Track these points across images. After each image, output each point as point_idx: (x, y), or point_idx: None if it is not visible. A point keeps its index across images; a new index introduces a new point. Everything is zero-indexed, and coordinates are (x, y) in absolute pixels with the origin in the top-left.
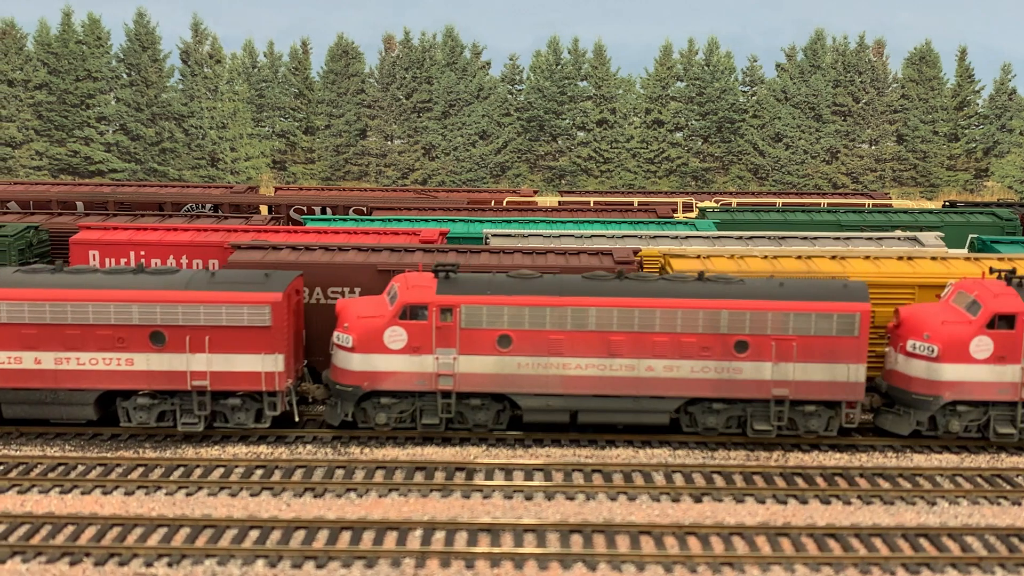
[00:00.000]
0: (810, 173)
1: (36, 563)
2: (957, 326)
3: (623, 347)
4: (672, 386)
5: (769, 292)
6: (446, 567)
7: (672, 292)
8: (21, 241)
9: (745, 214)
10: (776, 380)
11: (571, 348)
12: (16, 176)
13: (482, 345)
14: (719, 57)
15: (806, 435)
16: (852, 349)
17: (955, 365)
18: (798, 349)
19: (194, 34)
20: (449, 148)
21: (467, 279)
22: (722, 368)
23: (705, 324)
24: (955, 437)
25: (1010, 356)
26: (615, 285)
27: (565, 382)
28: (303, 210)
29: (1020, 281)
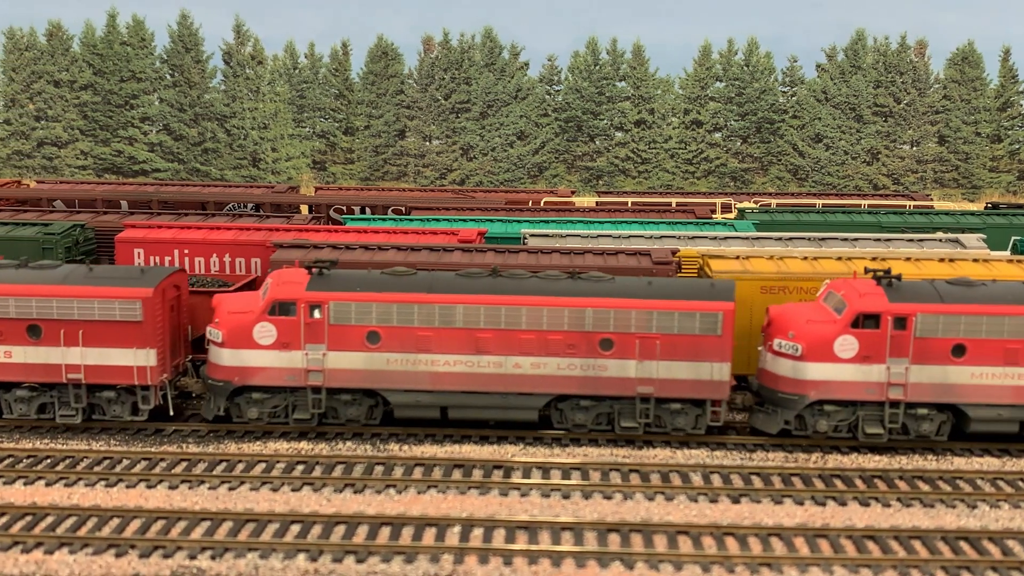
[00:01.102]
0: (850, 174)
1: (83, 554)
2: (822, 325)
3: (491, 344)
4: (539, 383)
5: (635, 291)
6: (484, 563)
7: (539, 290)
8: (67, 239)
9: (784, 215)
10: (640, 378)
11: (439, 345)
12: (61, 175)
13: (351, 341)
14: (759, 57)
15: (820, 436)
16: (716, 348)
17: (819, 364)
18: (661, 347)
19: (236, 36)
20: (487, 148)
21: (338, 275)
22: (588, 365)
23: (571, 322)
24: (825, 437)
25: (875, 356)
26: (482, 283)
27: (434, 378)
28: (343, 210)
29: (890, 281)
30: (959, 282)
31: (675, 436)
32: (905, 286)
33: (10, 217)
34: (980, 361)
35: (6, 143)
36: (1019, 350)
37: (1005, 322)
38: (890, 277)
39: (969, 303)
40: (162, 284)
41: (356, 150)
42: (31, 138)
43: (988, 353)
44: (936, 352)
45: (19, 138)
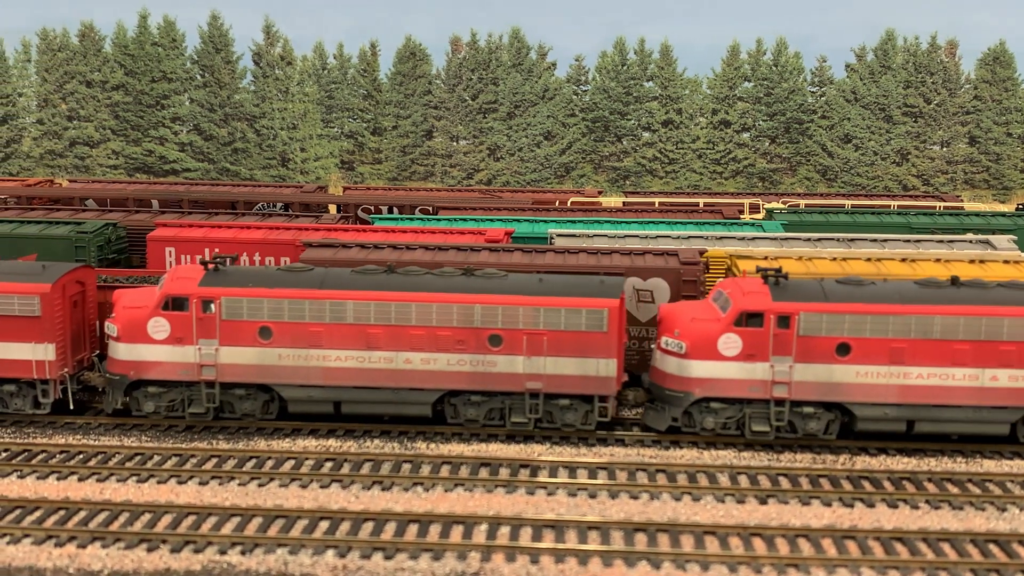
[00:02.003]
0: (880, 175)
1: (115, 549)
2: (706, 323)
3: (381, 340)
4: (430, 378)
5: (524, 288)
6: (511, 561)
7: (429, 286)
8: (100, 238)
9: (813, 216)
10: (529, 373)
11: (330, 340)
12: (93, 174)
13: (243, 337)
14: (787, 57)
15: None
16: (602, 344)
17: (704, 362)
18: (549, 343)
19: (266, 36)
20: (514, 149)
21: (232, 272)
22: (477, 361)
23: (460, 318)
24: (714, 434)
25: (759, 354)
26: (373, 279)
27: (326, 374)
28: (370, 209)
29: (777, 280)
30: (848, 281)
31: (567, 431)
32: (791, 285)
33: (43, 216)
34: (865, 360)
35: (39, 143)
36: (904, 349)
37: (890, 321)
38: (777, 276)
39: (854, 302)
40: (62, 280)
41: (384, 150)
42: (63, 138)
43: (873, 352)
44: (820, 351)
45: (52, 138)
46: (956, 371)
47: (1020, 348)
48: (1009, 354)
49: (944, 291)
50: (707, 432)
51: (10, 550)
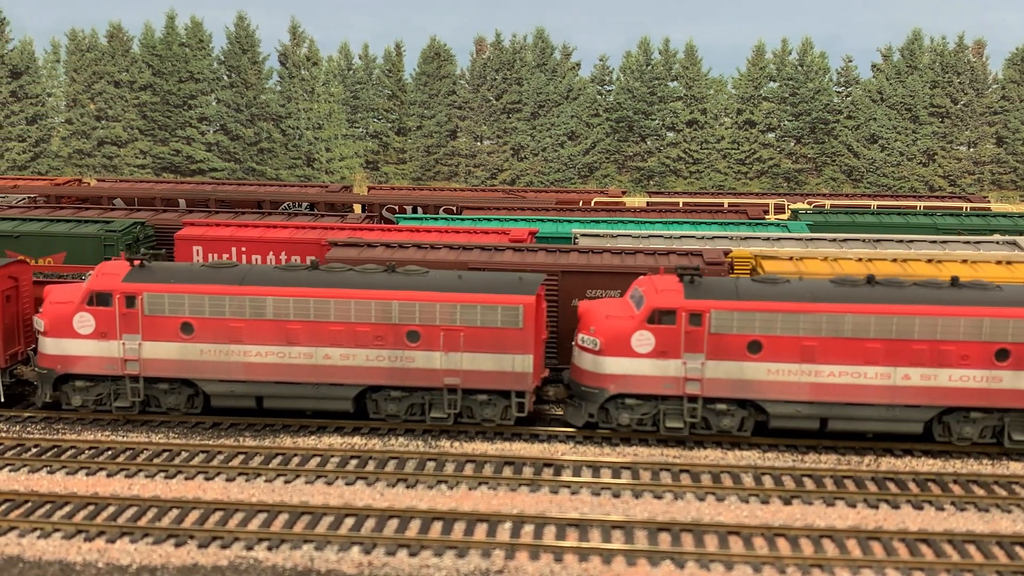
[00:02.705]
0: (906, 175)
1: (143, 543)
2: (621, 320)
3: (301, 336)
4: (349, 374)
5: (441, 284)
6: (535, 559)
7: (347, 283)
8: (128, 236)
9: (839, 216)
10: (447, 369)
11: (251, 336)
12: (121, 174)
13: (165, 332)
14: (813, 57)
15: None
16: (518, 340)
17: (618, 359)
18: (465, 339)
19: (292, 37)
20: (538, 149)
21: (156, 268)
22: (396, 357)
23: (378, 314)
24: (630, 430)
25: (671, 351)
26: (292, 276)
27: (247, 369)
28: (395, 209)
29: (691, 278)
30: (763, 280)
31: (487, 427)
32: (705, 283)
33: (72, 214)
34: (776, 358)
35: (68, 142)
36: (816, 347)
37: (800, 319)
38: (691, 274)
39: (765, 300)
40: None
41: (408, 150)
42: (92, 137)
43: (784, 350)
44: (732, 348)
45: (80, 137)
46: (868, 369)
47: (932, 347)
48: (921, 353)
49: (857, 290)
50: (622, 428)
51: (40, 544)
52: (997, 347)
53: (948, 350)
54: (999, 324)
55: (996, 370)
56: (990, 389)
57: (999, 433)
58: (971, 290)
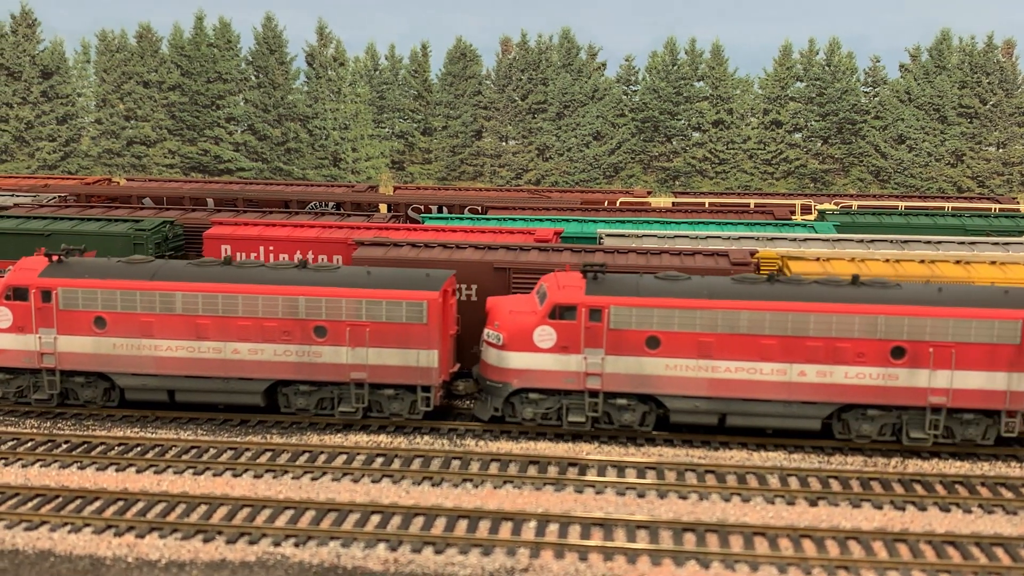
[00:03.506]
0: (934, 176)
1: (172, 539)
2: (524, 316)
3: (210, 330)
4: (257, 368)
5: (348, 280)
6: (560, 558)
7: (256, 279)
8: (158, 235)
9: (866, 217)
10: (353, 364)
11: (162, 330)
12: (150, 173)
13: (80, 326)
14: (840, 57)
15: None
16: (422, 335)
17: (520, 353)
18: (371, 334)
19: (319, 38)
20: (563, 149)
21: (73, 263)
22: (303, 352)
23: (285, 310)
24: (536, 424)
25: (572, 346)
26: (204, 271)
27: (158, 363)
28: (420, 209)
29: (595, 275)
30: (665, 277)
31: (395, 421)
32: (608, 279)
33: (103, 213)
34: (674, 353)
35: (97, 142)
36: (712, 343)
37: (697, 316)
38: (595, 270)
39: (663, 297)
40: None
41: (434, 150)
42: (121, 137)
43: (682, 346)
44: (631, 344)
45: (109, 137)
46: (764, 366)
47: (827, 344)
48: (816, 350)
49: (755, 287)
50: (528, 423)
51: (71, 539)
52: (892, 345)
53: (843, 347)
54: (894, 322)
55: (892, 368)
56: (886, 387)
57: (898, 431)
58: (870, 288)
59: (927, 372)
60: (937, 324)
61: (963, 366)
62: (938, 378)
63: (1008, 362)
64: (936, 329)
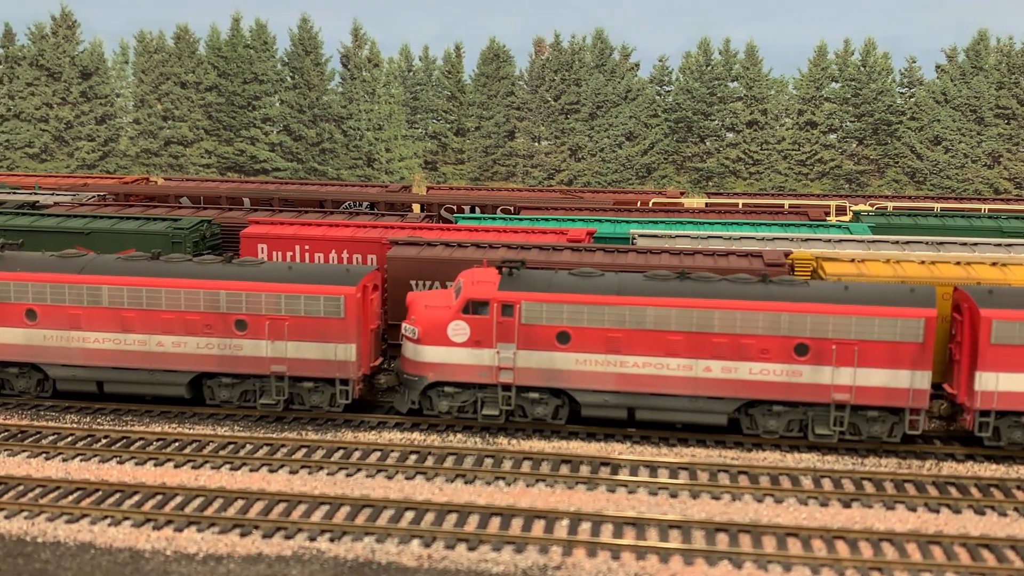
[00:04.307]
0: (970, 178)
1: (210, 533)
2: (438, 311)
3: (135, 324)
4: (181, 361)
5: (269, 275)
6: (592, 556)
7: (179, 273)
8: (195, 234)
9: (901, 219)
10: (273, 357)
11: (89, 323)
12: (187, 173)
13: (11, 319)
14: (876, 58)
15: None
16: (340, 330)
17: (435, 347)
18: (290, 328)
19: (354, 39)
20: (595, 149)
21: (8, 257)
22: (225, 345)
23: (206, 303)
24: (452, 417)
25: (485, 340)
26: (132, 265)
27: (86, 355)
28: (453, 209)
29: (510, 271)
30: (578, 273)
31: (317, 413)
32: (522, 275)
33: (141, 212)
34: (584, 348)
35: (135, 142)
36: (620, 339)
37: (605, 311)
38: (511, 267)
39: (573, 293)
40: None
41: (466, 151)
42: (159, 137)
43: (591, 341)
44: (542, 338)
45: (147, 137)
46: (671, 361)
47: (732, 340)
48: (721, 346)
49: (663, 284)
50: (444, 416)
51: (111, 531)
52: (796, 342)
53: (748, 344)
54: (797, 319)
55: (796, 364)
56: (790, 383)
57: (805, 427)
58: (776, 286)
59: (830, 369)
60: (840, 322)
61: (866, 364)
62: (841, 375)
63: (911, 360)
64: (839, 327)
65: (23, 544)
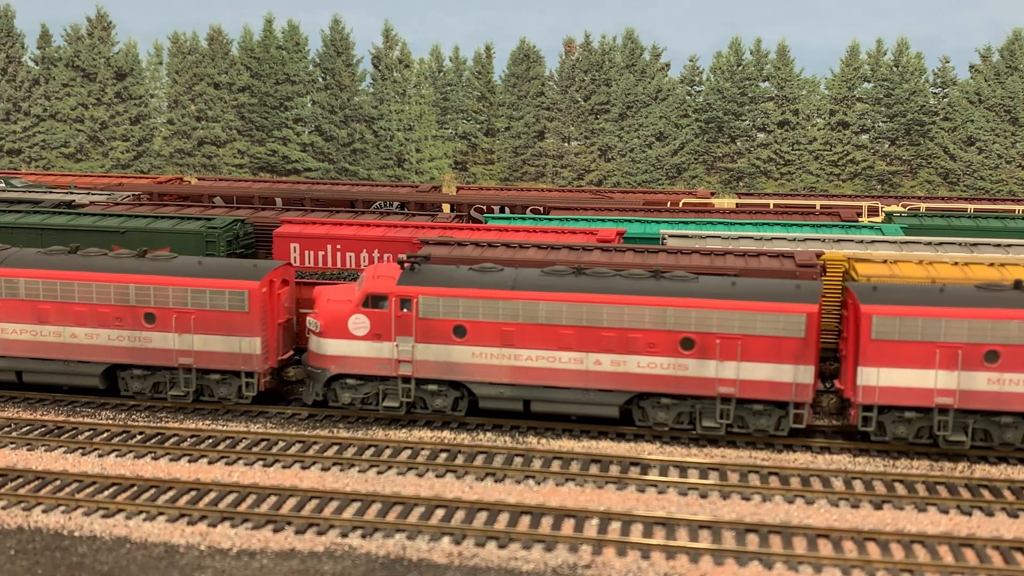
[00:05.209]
0: (1004, 179)
1: (243, 528)
2: (340, 304)
3: (50, 316)
4: (94, 352)
5: (178, 269)
6: (622, 556)
7: (93, 267)
8: (229, 233)
9: (934, 219)
10: (180, 350)
11: (8, 315)
12: (220, 173)
13: None
14: (908, 58)
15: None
16: (244, 323)
17: (337, 340)
18: (196, 321)
19: (385, 40)
20: (625, 150)
21: None
22: (135, 337)
23: (116, 297)
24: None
25: (385, 334)
26: (49, 259)
27: (5, 345)
28: (483, 209)
29: (412, 265)
30: (478, 268)
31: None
32: (424, 270)
33: (176, 211)
34: (479, 342)
35: (169, 142)
36: (514, 332)
37: (500, 306)
38: (413, 262)
39: (469, 287)
40: None
41: (496, 151)
42: (192, 137)
43: (486, 334)
44: (439, 332)
45: (181, 137)
46: (563, 354)
47: (620, 334)
48: (610, 340)
49: (555, 279)
50: (348, 408)
51: (146, 526)
52: (682, 336)
53: (635, 337)
54: (683, 314)
55: (682, 358)
56: (677, 376)
57: (694, 420)
58: (666, 282)
59: (715, 363)
60: (724, 317)
61: (749, 358)
62: (725, 369)
63: (794, 355)
64: (723, 321)
65: (60, 538)
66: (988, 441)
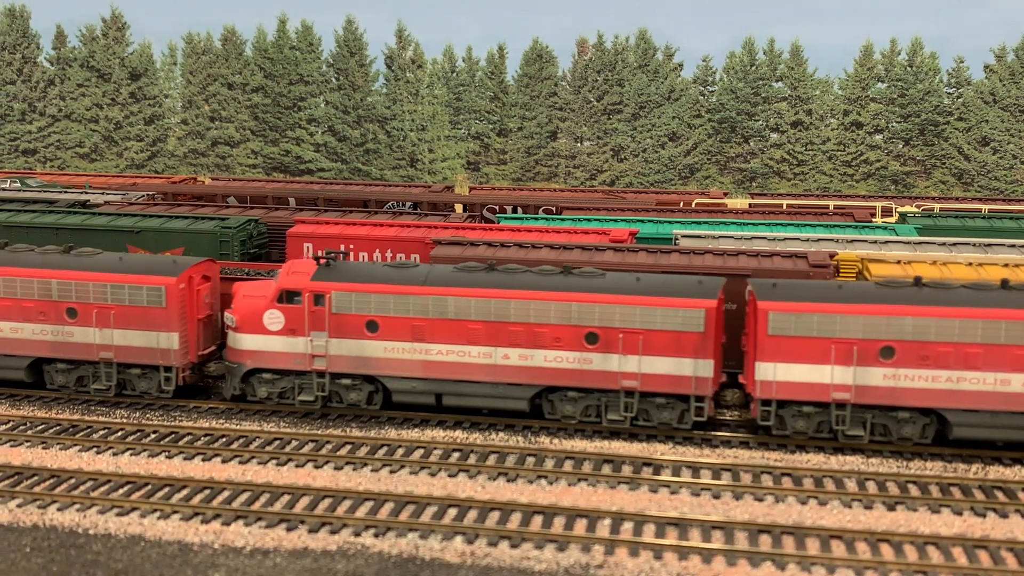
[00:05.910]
0: (1019, 179)
1: (257, 527)
2: (254, 300)
3: None
4: (19, 346)
5: (98, 265)
6: (634, 556)
7: (14, 263)
8: (243, 233)
9: (948, 220)
10: (101, 344)
11: None
12: (233, 173)
13: None
14: (923, 58)
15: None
16: (162, 319)
17: (252, 335)
18: (116, 317)
19: (398, 40)
20: (638, 150)
21: None
22: (58, 332)
23: (39, 292)
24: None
25: (299, 329)
26: None
27: None
28: (495, 209)
29: (328, 262)
30: (394, 265)
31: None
32: (338, 266)
33: (190, 211)
34: (391, 336)
35: (183, 142)
36: (424, 327)
37: (410, 301)
38: (328, 258)
39: (381, 283)
40: None
41: (509, 151)
42: (206, 137)
43: (397, 329)
44: (352, 327)
45: (195, 137)
46: (472, 349)
47: (527, 329)
48: (518, 334)
49: (467, 275)
50: (268, 402)
51: (160, 524)
52: (586, 331)
53: (542, 332)
54: (587, 309)
55: (586, 352)
56: (582, 370)
57: (600, 413)
58: (573, 277)
59: (618, 357)
60: (626, 311)
61: (651, 352)
62: (628, 363)
63: (694, 349)
64: (625, 316)
65: (75, 536)
66: (887, 436)
